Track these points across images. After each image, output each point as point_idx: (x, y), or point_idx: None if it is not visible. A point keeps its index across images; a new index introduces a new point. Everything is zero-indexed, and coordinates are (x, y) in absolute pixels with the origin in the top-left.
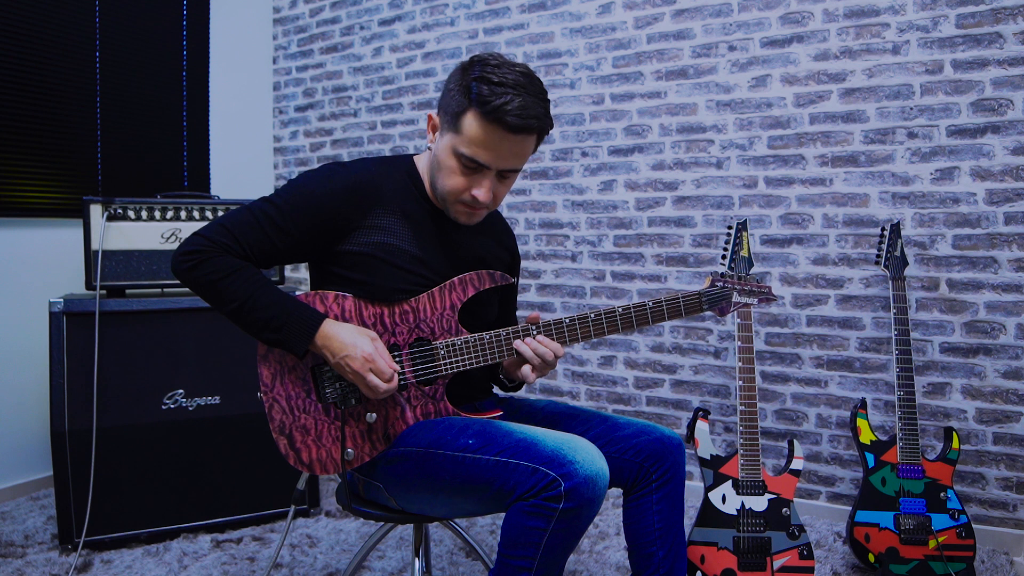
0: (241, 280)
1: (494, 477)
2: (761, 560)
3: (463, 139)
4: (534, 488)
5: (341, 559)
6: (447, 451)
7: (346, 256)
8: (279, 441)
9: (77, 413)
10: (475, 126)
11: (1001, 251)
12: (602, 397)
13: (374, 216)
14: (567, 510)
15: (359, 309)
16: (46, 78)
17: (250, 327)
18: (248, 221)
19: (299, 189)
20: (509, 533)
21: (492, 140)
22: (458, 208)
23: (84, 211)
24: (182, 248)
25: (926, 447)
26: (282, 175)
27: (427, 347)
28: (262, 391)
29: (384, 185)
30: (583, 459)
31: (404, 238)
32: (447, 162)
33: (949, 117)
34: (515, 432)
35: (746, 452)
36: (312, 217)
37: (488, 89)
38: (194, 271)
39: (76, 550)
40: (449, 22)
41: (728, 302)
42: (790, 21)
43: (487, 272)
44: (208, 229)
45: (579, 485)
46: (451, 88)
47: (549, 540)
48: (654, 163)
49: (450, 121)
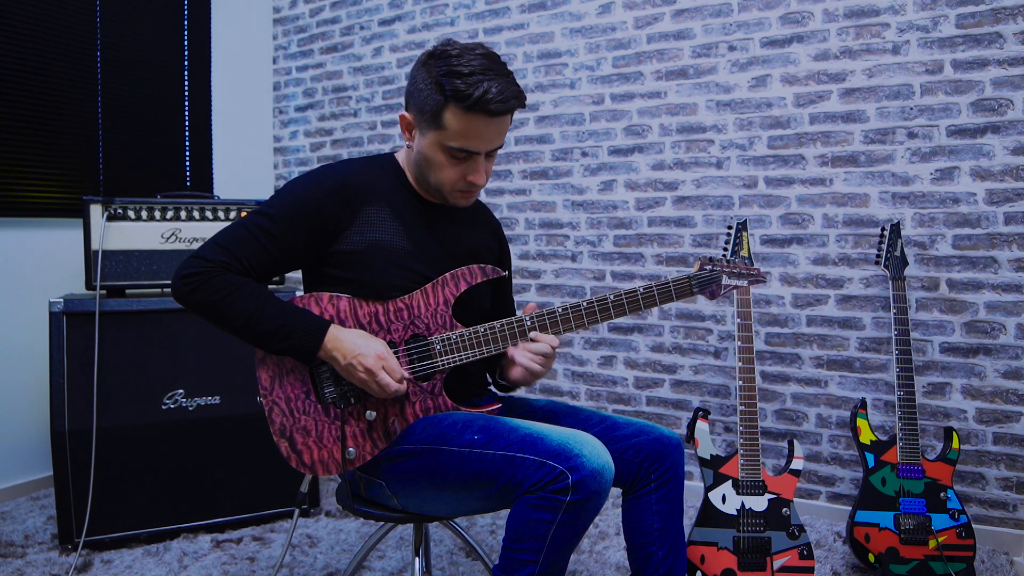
0: (243, 297)
1: (501, 471)
2: (761, 560)
3: (448, 134)
4: (542, 481)
5: (341, 559)
6: (452, 447)
7: (339, 256)
8: (280, 444)
9: (77, 413)
10: (458, 120)
11: (1001, 251)
12: (602, 397)
13: (364, 214)
14: (574, 502)
15: (354, 309)
16: (47, 78)
17: (258, 340)
18: (243, 236)
19: (288, 197)
20: (515, 527)
21: (477, 129)
22: (455, 195)
23: (84, 211)
24: (180, 272)
25: (926, 447)
26: (282, 175)
27: (423, 343)
28: (261, 395)
29: (371, 183)
30: (590, 453)
31: (395, 233)
32: (435, 158)
33: (949, 117)
34: (520, 427)
35: (746, 452)
36: (305, 222)
37: (462, 82)
38: (195, 293)
39: (76, 550)
40: (449, 22)
41: (718, 284)
42: (790, 21)
43: (478, 267)
44: (203, 249)
45: (586, 478)
46: (420, 87)
47: (556, 533)
48: (654, 163)
49: (429, 119)
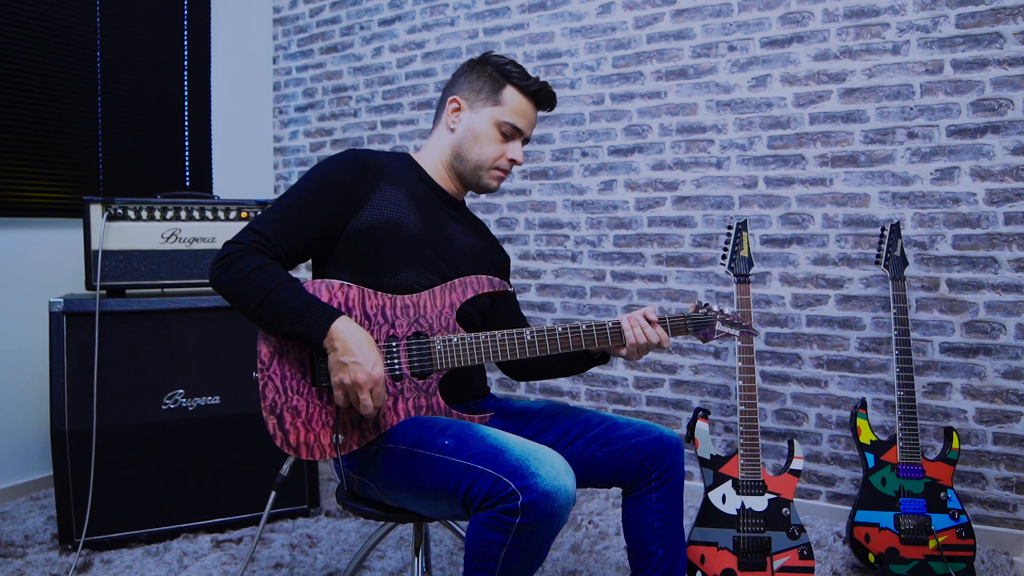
0: (265, 275)
1: (460, 480)
2: (761, 560)
3: (506, 110)
4: (494, 498)
5: (341, 559)
6: (425, 451)
7: (353, 232)
8: (268, 420)
9: (77, 413)
10: (517, 99)
11: (1001, 251)
12: (602, 397)
13: (380, 191)
14: (523, 525)
15: (362, 299)
16: (47, 78)
17: (271, 320)
18: (271, 216)
19: (313, 175)
20: (471, 545)
21: (527, 112)
22: (493, 174)
23: (84, 211)
24: (215, 257)
25: (926, 447)
26: (282, 175)
27: (424, 341)
28: (259, 369)
29: (389, 167)
30: (546, 473)
31: (410, 215)
32: (486, 132)
33: (949, 117)
34: (488, 437)
35: (746, 452)
36: (330, 195)
37: (519, 72)
38: (224, 274)
39: (76, 550)
40: (449, 22)
41: (712, 329)
42: (790, 21)
43: (487, 277)
44: (238, 235)
45: (536, 500)
46: (476, 76)
47: (507, 555)
48: (654, 163)
49: (487, 96)
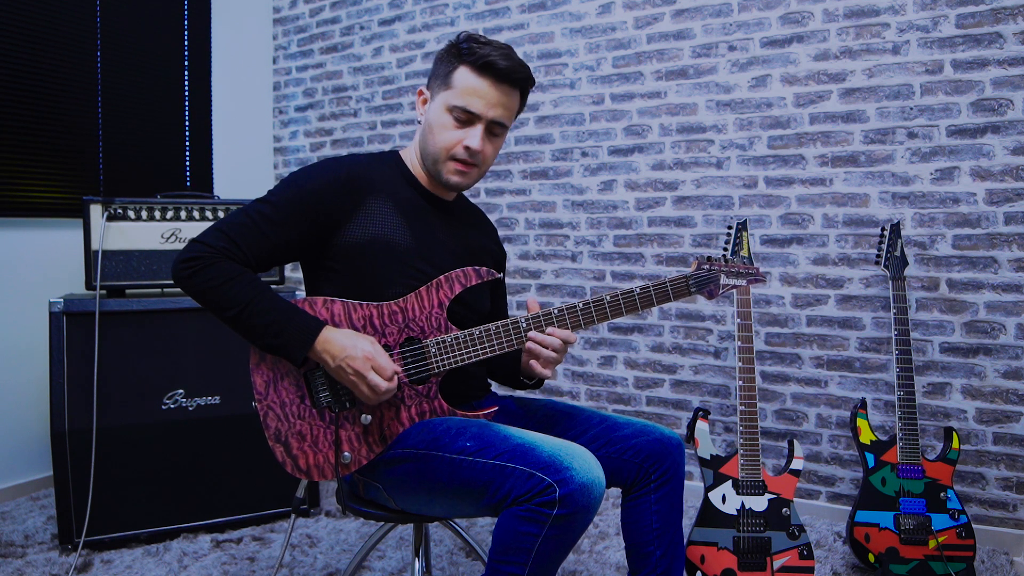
0: (240, 286)
1: (490, 480)
2: (761, 560)
3: (455, 92)
4: (529, 493)
5: (341, 559)
6: (445, 453)
7: (340, 249)
8: (276, 449)
9: (77, 413)
10: (466, 77)
11: (1001, 251)
12: (602, 397)
13: (366, 206)
14: (560, 516)
15: (348, 312)
16: (47, 78)
17: (249, 333)
18: (244, 223)
19: (292, 185)
20: (501, 538)
21: (483, 88)
22: (450, 166)
23: (84, 211)
24: (181, 255)
25: (926, 447)
26: (282, 175)
27: (417, 346)
28: (256, 399)
29: (375, 176)
30: (580, 466)
31: (397, 228)
32: (440, 119)
33: (949, 117)
34: (513, 436)
35: (746, 452)
36: (307, 210)
37: (477, 46)
38: (194, 278)
39: (76, 550)
40: (449, 22)
41: (716, 284)
42: (790, 21)
43: (473, 269)
44: (206, 235)
45: (574, 492)
46: (438, 60)
47: (541, 546)
48: (654, 163)
49: (441, 82)
